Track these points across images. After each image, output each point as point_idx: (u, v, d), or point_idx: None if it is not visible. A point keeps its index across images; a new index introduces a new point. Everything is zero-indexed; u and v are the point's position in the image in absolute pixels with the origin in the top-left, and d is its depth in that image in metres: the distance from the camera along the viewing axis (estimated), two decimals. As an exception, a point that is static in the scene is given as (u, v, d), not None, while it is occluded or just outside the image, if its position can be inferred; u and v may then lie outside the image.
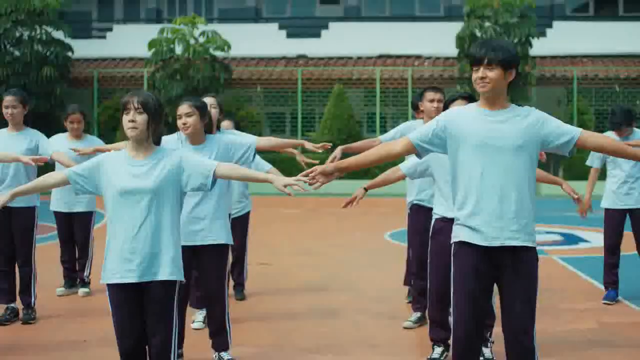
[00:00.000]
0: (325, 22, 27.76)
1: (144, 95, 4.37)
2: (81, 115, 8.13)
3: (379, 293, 8.47)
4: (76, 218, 8.26)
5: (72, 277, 8.39)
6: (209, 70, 23.87)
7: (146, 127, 4.35)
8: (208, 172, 4.41)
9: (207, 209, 5.59)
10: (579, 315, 7.42)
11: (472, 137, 4.19)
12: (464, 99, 5.64)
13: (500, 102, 4.25)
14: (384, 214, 16.88)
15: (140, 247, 4.33)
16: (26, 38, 24.60)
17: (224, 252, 5.65)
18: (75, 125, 8.11)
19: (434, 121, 4.34)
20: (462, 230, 4.26)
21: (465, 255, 4.25)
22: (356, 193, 5.32)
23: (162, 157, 4.43)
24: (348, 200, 5.20)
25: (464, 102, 5.54)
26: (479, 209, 4.18)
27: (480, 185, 4.18)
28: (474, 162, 4.18)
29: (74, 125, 8.11)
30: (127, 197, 4.34)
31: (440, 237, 5.82)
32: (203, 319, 6.86)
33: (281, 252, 11.59)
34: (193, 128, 5.54)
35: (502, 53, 4.15)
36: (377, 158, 4.36)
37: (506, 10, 23.01)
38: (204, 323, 6.79)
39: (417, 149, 4.33)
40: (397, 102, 25.49)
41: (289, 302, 8.05)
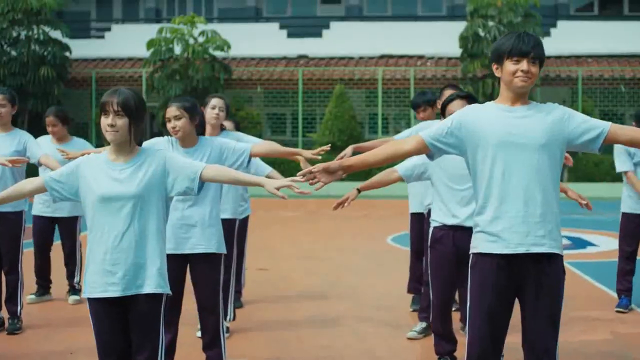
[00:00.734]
0: (326, 21, 27.64)
1: (124, 95, 4.02)
2: (57, 118, 7.79)
3: (381, 301, 8.19)
4: (61, 223, 7.95)
5: (43, 285, 8.10)
6: (209, 70, 23.70)
7: (127, 130, 4.03)
8: (194, 174, 4.08)
9: (199, 215, 5.30)
10: (591, 325, 7.10)
11: (491, 134, 3.86)
12: (462, 99, 5.32)
13: (524, 99, 3.94)
14: (386, 216, 16.65)
15: (123, 258, 4.02)
16: (23, 38, 24.44)
17: (216, 261, 5.36)
18: (51, 128, 7.81)
19: (448, 119, 4.00)
20: (482, 240, 3.91)
21: (484, 268, 3.89)
22: (348, 194, 4.98)
23: (145, 159, 4.10)
24: (339, 201, 4.86)
25: (463, 102, 5.22)
26: (501, 212, 3.84)
27: (502, 187, 3.84)
28: (494, 162, 3.85)
29: (50, 128, 7.80)
30: (107, 204, 4.02)
31: (439, 247, 5.52)
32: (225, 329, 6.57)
33: (280, 256, 11.34)
34: (183, 131, 5.25)
35: (543, 50, 3.89)
36: (384, 156, 4.00)
37: (510, 10, 22.82)
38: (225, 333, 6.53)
39: (429, 149, 3.98)
40: (399, 103, 25.34)
41: (287, 310, 7.78)
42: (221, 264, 5.36)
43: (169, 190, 4.11)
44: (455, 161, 5.24)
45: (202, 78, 23.48)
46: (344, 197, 4.90)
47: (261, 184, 4.06)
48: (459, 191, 5.46)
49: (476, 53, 22.95)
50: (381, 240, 12.97)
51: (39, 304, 7.96)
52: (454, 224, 5.45)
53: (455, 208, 5.45)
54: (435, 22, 27.17)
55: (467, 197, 5.41)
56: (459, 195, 5.45)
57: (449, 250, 5.47)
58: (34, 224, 7.99)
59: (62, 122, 7.82)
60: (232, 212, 7.00)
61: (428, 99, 7.22)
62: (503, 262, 3.85)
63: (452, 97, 5.42)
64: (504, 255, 3.84)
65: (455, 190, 5.47)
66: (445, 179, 5.49)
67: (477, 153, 3.90)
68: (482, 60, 22.71)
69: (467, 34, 23.12)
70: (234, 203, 7.08)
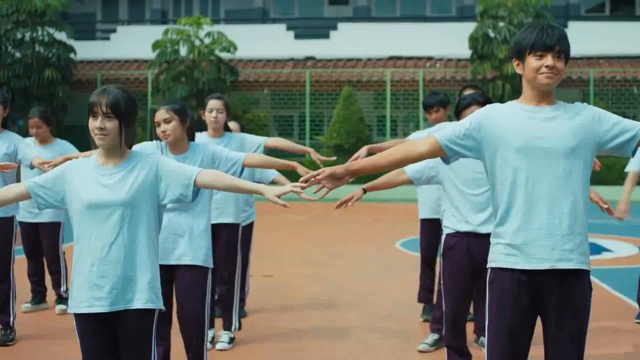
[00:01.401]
0: (334, 22, 27.54)
1: (113, 95, 3.71)
2: (42, 119, 7.51)
3: (390, 310, 7.89)
4: (42, 229, 7.64)
5: (39, 292, 7.82)
6: (215, 72, 23.55)
7: (118, 133, 3.71)
8: (188, 180, 3.76)
9: (187, 224, 4.99)
10: (612, 337, 6.77)
11: (514, 137, 3.52)
12: (479, 104, 4.97)
13: (549, 97, 3.59)
14: (395, 220, 16.37)
15: (111, 271, 3.71)
16: (27, 39, 24.31)
17: (201, 273, 5.02)
18: (34, 130, 7.53)
19: (466, 119, 3.66)
20: (502, 253, 3.57)
21: (503, 285, 3.55)
22: (353, 193, 4.61)
23: (136, 163, 3.79)
24: (342, 200, 4.43)
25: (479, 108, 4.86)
26: (524, 224, 3.50)
27: (524, 196, 3.50)
28: (516, 168, 3.51)
29: (33, 130, 7.52)
30: (95, 212, 3.71)
31: (453, 256, 5.19)
32: (228, 340, 6.40)
33: (286, 262, 11.07)
34: (174, 135, 4.96)
35: (568, 44, 3.54)
36: (396, 159, 3.67)
37: (521, 10, 22.68)
38: (229, 344, 6.37)
39: (445, 151, 3.64)
40: (408, 105, 25.17)
41: (292, 319, 7.49)
42: (207, 279, 5.04)
43: (161, 197, 3.80)
44: (468, 164, 4.91)
45: (208, 80, 23.31)
46: (348, 196, 4.50)
47: (260, 192, 3.73)
48: (472, 196, 5.12)
49: (486, 54, 22.80)
50: (390, 246, 12.69)
51: (33, 314, 7.67)
52: (467, 230, 5.12)
53: (469, 214, 5.11)
54: (444, 23, 27.08)
55: (481, 203, 5.08)
56: (473, 200, 5.12)
57: (463, 259, 5.13)
58: (20, 231, 7.71)
59: (46, 123, 7.54)
60: (234, 216, 6.66)
61: (440, 100, 6.91)
62: (524, 277, 3.52)
63: (469, 102, 5.08)
64: (525, 270, 3.51)
65: (469, 195, 5.13)
66: (458, 183, 5.15)
67: (496, 158, 3.56)
68: (492, 61, 22.53)
69: (476, 35, 22.99)
70: (236, 207, 6.72)
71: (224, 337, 6.42)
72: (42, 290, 7.85)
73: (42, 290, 7.85)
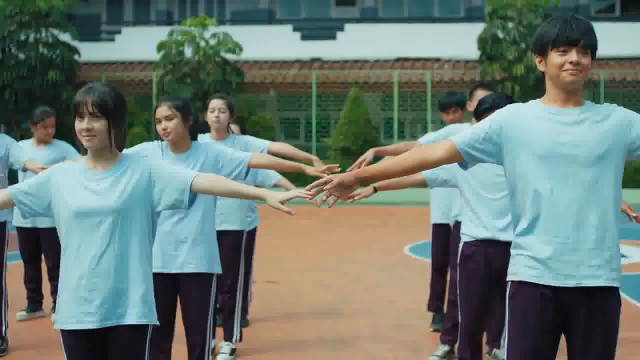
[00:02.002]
0: (340, 23, 27.41)
1: (99, 93, 3.43)
2: (54, 119, 7.32)
3: (399, 319, 7.63)
4: (42, 234, 7.38)
5: (35, 300, 7.57)
6: (220, 73, 23.44)
7: (107, 134, 3.44)
8: (184, 185, 3.49)
9: (189, 230, 4.74)
10: (632, 348, 6.51)
11: (537, 143, 3.23)
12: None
13: (576, 98, 3.30)
14: (403, 224, 16.13)
15: (101, 283, 3.45)
16: (31, 41, 24.16)
17: (207, 282, 4.80)
18: (50, 130, 7.31)
19: (486, 121, 3.37)
20: (524, 266, 3.29)
21: (525, 300, 3.27)
22: (362, 190, 4.30)
23: (128, 167, 3.52)
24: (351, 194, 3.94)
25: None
26: (548, 237, 3.22)
27: (548, 207, 3.21)
28: (539, 177, 3.23)
29: (49, 130, 7.28)
30: (83, 220, 3.45)
31: (470, 264, 4.89)
32: (230, 351, 6.16)
33: (291, 268, 10.82)
34: (175, 134, 4.70)
35: (595, 37, 3.24)
36: (410, 165, 3.38)
37: (530, 11, 22.49)
38: (230, 355, 6.13)
39: (462, 156, 3.36)
40: (416, 107, 25.00)
41: (296, 329, 7.24)
42: (212, 286, 4.81)
43: (155, 204, 3.53)
44: (487, 166, 4.61)
45: (214, 81, 23.14)
46: (356, 192, 4.16)
47: (262, 197, 3.46)
48: (491, 201, 4.81)
49: (495, 55, 22.61)
50: (398, 251, 12.43)
51: (28, 322, 7.43)
52: (487, 237, 4.81)
53: (488, 220, 4.81)
54: (452, 24, 26.93)
55: (501, 208, 4.77)
56: (492, 205, 4.81)
57: (481, 268, 4.84)
58: (17, 236, 7.48)
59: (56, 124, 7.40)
60: (239, 223, 6.40)
61: (458, 100, 6.64)
62: (548, 292, 3.24)
63: (491, 106, 4.78)
64: (550, 286, 3.23)
65: (488, 200, 4.82)
66: (477, 187, 4.85)
67: (516, 165, 3.28)
68: (501, 62, 22.35)
69: (485, 36, 22.84)
70: (241, 213, 6.46)
71: (225, 349, 6.17)
72: (39, 298, 7.62)
73: (38, 297, 7.61)
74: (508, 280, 3.38)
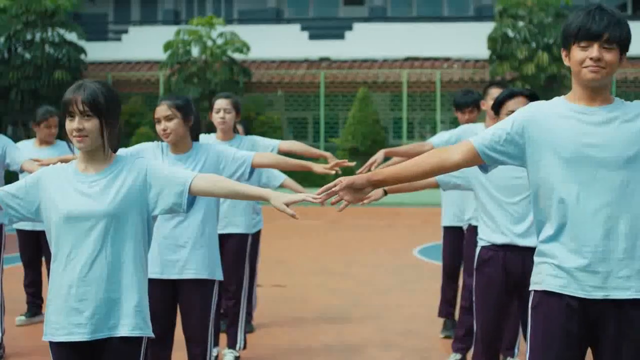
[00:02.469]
0: (349, 23, 27.31)
1: (90, 91, 3.23)
2: (58, 118, 7.12)
3: (408, 324, 7.42)
4: (43, 237, 7.19)
5: (35, 304, 7.39)
6: (227, 73, 23.34)
7: (99, 134, 3.23)
8: (182, 187, 3.28)
9: (189, 233, 4.53)
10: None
11: (562, 145, 3.01)
12: (526, 98, 4.43)
13: (603, 95, 3.06)
14: (412, 226, 15.91)
15: (92, 293, 3.25)
16: (37, 40, 24.08)
17: (207, 288, 4.58)
18: (53, 130, 7.14)
19: (508, 120, 3.14)
20: (549, 275, 3.07)
21: (550, 311, 3.05)
22: (373, 193, 4.05)
23: (122, 168, 3.31)
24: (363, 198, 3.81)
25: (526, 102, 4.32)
26: (574, 246, 3.00)
27: (575, 214, 2.99)
28: (565, 180, 3.01)
29: (52, 130, 7.11)
30: (74, 224, 3.25)
31: (487, 270, 4.66)
32: (233, 359, 5.96)
33: (297, 271, 10.60)
34: (175, 134, 4.50)
35: (623, 30, 2.99)
36: (426, 169, 3.16)
37: (541, 9, 22.26)
38: None
39: (482, 159, 3.14)
40: (425, 107, 24.91)
41: (302, 335, 7.03)
42: (214, 293, 4.59)
43: (151, 208, 3.32)
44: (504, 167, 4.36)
45: (221, 81, 22.97)
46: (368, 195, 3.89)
47: (266, 198, 3.25)
48: (509, 205, 4.56)
49: (505, 54, 22.44)
50: (407, 253, 12.20)
51: (26, 327, 7.25)
52: (504, 242, 4.57)
53: (505, 225, 4.56)
54: (462, 23, 26.84)
55: (519, 212, 4.53)
56: (510, 209, 4.56)
57: (498, 273, 4.60)
58: (19, 239, 7.31)
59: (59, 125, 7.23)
60: (245, 226, 6.18)
61: (475, 99, 6.40)
62: (574, 303, 3.02)
63: (514, 93, 4.55)
64: (576, 298, 3.02)
65: (505, 204, 4.57)
66: (492, 190, 4.60)
67: (540, 168, 3.06)
68: (511, 62, 22.17)
69: (495, 35, 22.69)
70: (246, 215, 6.24)
71: (229, 356, 5.97)
72: (39, 302, 7.44)
73: (38, 301, 7.43)
74: (531, 290, 3.17)
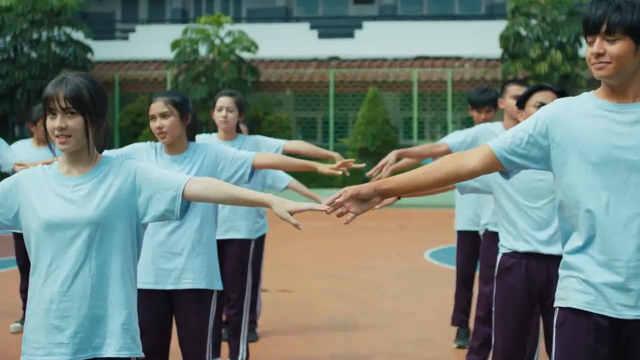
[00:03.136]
0: (359, 21, 27.08)
1: (73, 85, 2.93)
2: None
3: (420, 333, 7.13)
4: None
5: None
6: (235, 72, 23.10)
7: (84, 133, 2.93)
8: (175, 192, 2.97)
9: (185, 240, 4.20)
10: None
11: (590, 147, 2.72)
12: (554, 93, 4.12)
13: (633, 91, 2.74)
14: (422, 228, 15.64)
15: (75, 309, 2.94)
16: (44, 39, 23.95)
17: (205, 298, 4.26)
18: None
19: (530, 121, 2.84)
20: (575, 290, 2.77)
21: (577, 331, 2.76)
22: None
23: (109, 171, 3.02)
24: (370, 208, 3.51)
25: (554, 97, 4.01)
26: (604, 260, 2.71)
27: (604, 224, 2.69)
28: (594, 187, 2.71)
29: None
30: (55, 233, 2.95)
31: (509, 279, 4.34)
32: None
33: (305, 275, 10.32)
34: (171, 133, 4.18)
35: (627, 14, 2.65)
36: (439, 178, 2.87)
37: (554, 7, 22.00)
38: None
39: (502, 164, 2.84)
40: (436, 107, 24.70)
41: (308, 344, 6.74)
42: (212, 304, 4.28)
43: (141, 215, 3.01)
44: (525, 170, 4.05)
45: (229, 80, 22.72)
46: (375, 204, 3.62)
47: (268, 204, 2.95)
48: (532, 209, 4.24)
49: (518, 53, 22.19)
50: (418, 257, 11.93)
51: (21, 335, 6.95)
52: (527, 250, 4.26)
53: (528, 231, 4.24)
54: (473, 22, 26.52)
55: (543, 217, 4.20)
56: (532, 214, 4.24)
57: (521, 283, 4.28)
58: (15, 243, 7.05)
59: None
60: (247, 231, 5.87)
61: (493, 98, 6.08)
62: (604, 322, 2.72)
63: (543, 86, 4.24)
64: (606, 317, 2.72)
65: (527, 209, 4.25)
66: (513, 193, 4.27)
67: (566, 172, 2.76)
68: (524, 61, 21.90)
69: (507, 33, 22.43)
70: (248, 220, 5.92)
71: None
72: None
73: None
74: (555, 306, 2.86)
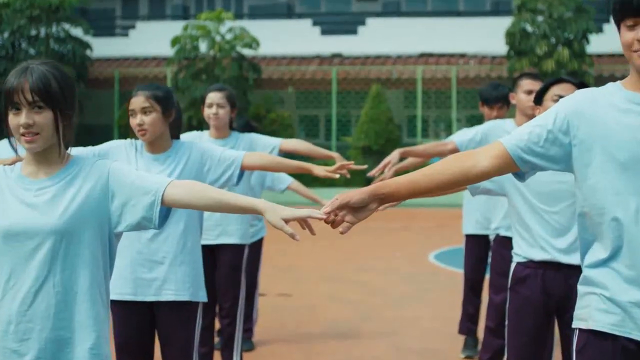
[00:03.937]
0: (362, 18, 27.01)
1: (39, 75, 2.58)
2: None
3: (425, 341, 6.82)
4: None
5: None
6: (236, 69, 22.96)
7: (53, 129, 2.59)
8: (152, 197, 2.62)
9: (167, 248, 3.84)
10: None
11: (617, 145, 2.38)
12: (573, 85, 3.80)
13: None
14: (426, 229, 15.38)
15: (36, 331, 2.60)
16: (42, 35, 23.86)
17: (189, 311, 3.91)
18: None
19: (548, 114, 2.50)
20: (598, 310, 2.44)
21: (601, 356, 2.42)
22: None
23: (78, 172, 2.67)
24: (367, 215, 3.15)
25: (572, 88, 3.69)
26: (633, 274, 2.37)
27: (634, 234, 2.36)
28: (621, 191, 2.37)
29: None
30: (13, 243, 2.61)
31: (524, 290, 3.99)
32: None
33: (305, 278, 10.03)
34: (152, 131, 3.81)
35: None
36: (445, 180, 2.51)
37: (561, 3, 21.87)
38: None
39: (516, 164, 2.49)
40: (440, 104, 24.58)
41: (307, 353, 6.41)
42: (197, 317, 3.91)
43: (114, 223, 2.66)
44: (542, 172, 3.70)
45: (230, 77, 22.50)
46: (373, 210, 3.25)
47: (260, 211, 2.58)
48: (549, 214, 3.87)
49: (524, 50, 22.11)
50: (423, 259, 11.66)
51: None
52: (543, 259, 3.90)
53: (545, 237, 3.88)
54: (478, 18, 26.38)
55: (561, 223, 3.84)
56: (550, 219, 3.87)
57: (536, 295, 3.94)
58: None
59: None
60: (240, 236, 5.49)
61: (505, 95, 5.76)
62: (633, 347, 2.39)
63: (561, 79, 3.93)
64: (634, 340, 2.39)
65: (544, 213, 3.88)
66: (530, 197, 3.91)
67: (588, 174, 2.42)
68: (530, 57, 21.77)
69: (513, 30, 22.37)
70: (242, 224, 5.54)
71: None
72: None
73: None
74: (575, 328, 2.52)
